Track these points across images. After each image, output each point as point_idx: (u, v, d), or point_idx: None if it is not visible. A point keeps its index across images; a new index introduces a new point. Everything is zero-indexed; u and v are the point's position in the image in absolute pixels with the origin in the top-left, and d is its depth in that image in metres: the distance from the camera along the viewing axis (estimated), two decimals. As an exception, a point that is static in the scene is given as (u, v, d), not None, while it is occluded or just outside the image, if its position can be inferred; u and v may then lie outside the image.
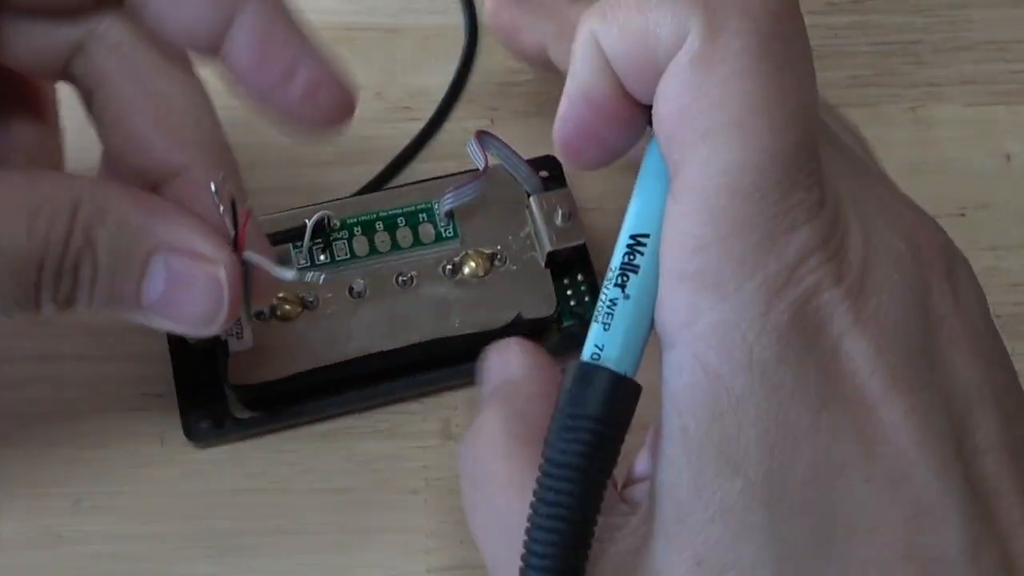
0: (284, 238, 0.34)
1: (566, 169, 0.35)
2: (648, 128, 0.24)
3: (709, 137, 0.21)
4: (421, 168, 0.38)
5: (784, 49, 0.22)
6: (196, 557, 0.32)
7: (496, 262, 0.34)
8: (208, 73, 0.29)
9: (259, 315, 0.32)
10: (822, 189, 0.22)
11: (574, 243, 0.33)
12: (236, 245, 0.27)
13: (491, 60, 0.40)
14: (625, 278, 0.23)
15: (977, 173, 0.39)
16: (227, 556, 0.32)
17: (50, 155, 0.31)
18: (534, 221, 0.34)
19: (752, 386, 0.21)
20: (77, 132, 0.31)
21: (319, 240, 0.34)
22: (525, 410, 0.28)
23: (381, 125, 0.38)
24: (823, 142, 0.23)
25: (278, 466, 0.33)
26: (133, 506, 0.32)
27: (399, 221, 0.34)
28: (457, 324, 0.33)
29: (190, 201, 0.28)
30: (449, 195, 0.34)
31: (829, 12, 0.41)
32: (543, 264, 0.34)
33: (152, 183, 0.29)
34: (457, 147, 0.38)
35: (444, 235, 0.34)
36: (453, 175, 0.35)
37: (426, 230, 0.34)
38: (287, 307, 0.33)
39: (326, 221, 0.34)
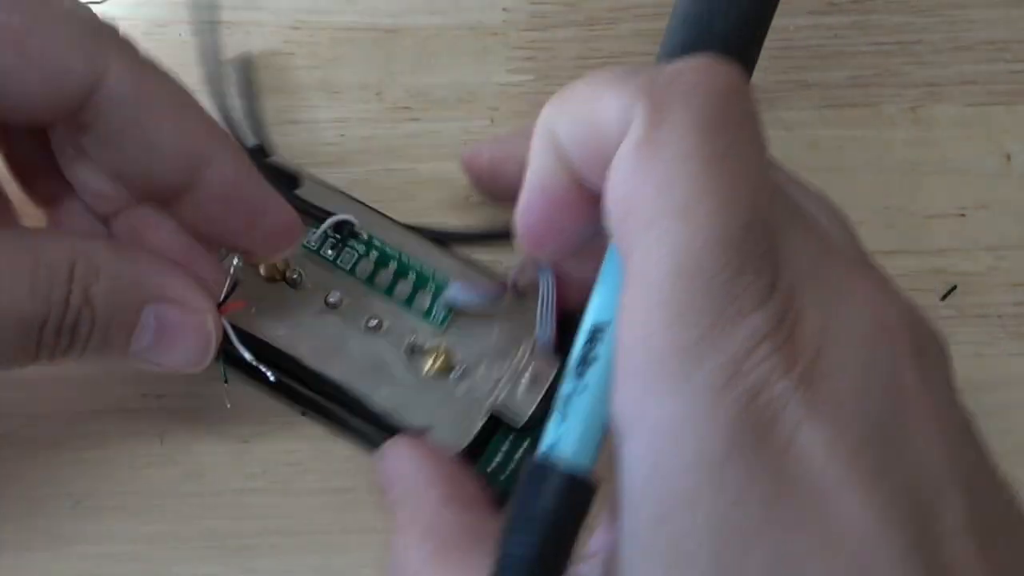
0: (316, 213, 0.34)
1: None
2: None
3: (653, 224, 0.21)
4: (421, 167, 0.38)
5: (729, 133, 0.21)
6: (196, 557, 0.32)
7: (453, 373, 0.32)
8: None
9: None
10: (775, 270, 0.21)
11: (512, 419, 0.31)
12: (221, 306, 0.30)
13: (492, 60, 0.40)
14: (583, 368, 0.23)
15: (977, 173, 0.39)
16: (227, 556, 0.32)
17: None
18: (510, 366, 0.32)
19: (700, 484, 0.20)
20: None
21: (338, 235, 0.34)
22: (436, 521, 0.27)
23: (381, 125, 0.38)
24: (785, 215, 0.22)
25: (278, 466, 0.33)
26: (133, 506, 0.32)
27: (410, 274, 0.33)
28: (379, 395, 0.32)
29: (142, 230, 0.29)
30: (456, 289, 0.33)
31: (829, 12, 0.41)
32: (485, 408, 0.32)
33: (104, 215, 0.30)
34: (456, 147, 0.38)
35: (433, 316, 0.33)
36: (488, 278, 0.33)
37: (423, 299, 0.33)
38: (273, 268, 0.33)
39: (349, 226, 0.34)
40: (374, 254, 0.34)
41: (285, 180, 0.35)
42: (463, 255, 0.34)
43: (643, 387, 0.21)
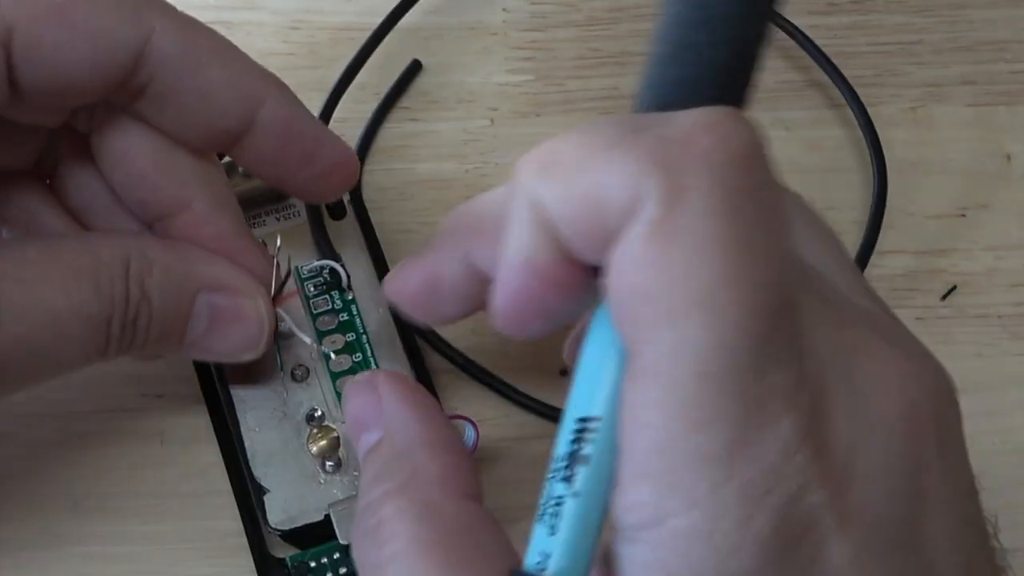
0: (328, 248, 0.34)
1: None
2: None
3: (674, 317, 0.19)
4: (420, 167, 0.38)
5: (752, 202, 0.19)
6: (196, 557, 0.32)
7: (328, 462, 0.31)
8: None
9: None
10: (800, 360, 0.19)
11: (340, 533, 0.30)
12: (275, 298, 0.31)
13: (492, 60, 0.40)
14: (573, 471, 0.20)
15: (977, 173, 0.39)
16: (227, 556, 0.32)
17: None
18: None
19: None
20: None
21: (329, 279, 0.34)
22: (436, 511, 0.23)
23: (381, 125, 0.38)
24: (805, 281, 0.21)
25: (278, 466, 0.33)
26: (133, 506, 0.32)
27: (356, 354, 0.33)
28: (255, 433, 0.31)
29: (192, 234, 0.30)
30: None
31: (829, 12, 0.41)
32: (326, 507, 0.30)
33: (155, 217, 0.30)
34: (456, 147, 0.38)
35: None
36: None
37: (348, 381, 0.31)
38: None
39: (339, 278, 0.33)
40: (343, 316, 0.33)
41: (332, 207, 0.35)
42: (425, 370, 0.33)
43: (658, 495, 0.19)
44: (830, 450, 0.19)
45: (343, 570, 0.31)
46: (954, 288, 0.37)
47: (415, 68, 0.39)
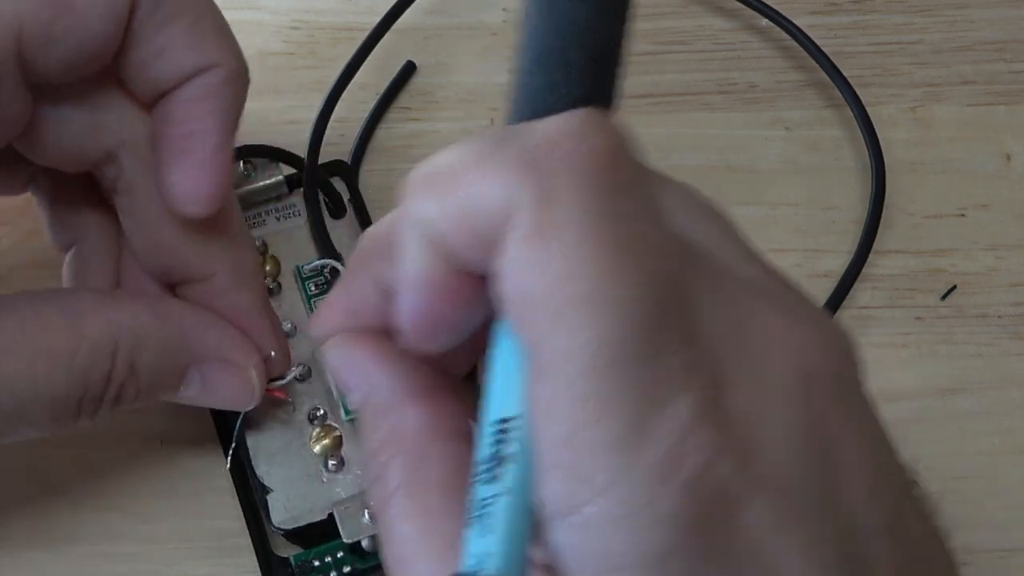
0: (327, 247, 0.34)
1: None
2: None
3: (560, 317, 0.19)
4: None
5: (621, 197, 0.20)
6: (196, 557, 0.32)
7: (331, 461, 0.31)
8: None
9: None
10: (695, 340, 0.20)
11: (344, 531, 0.30)
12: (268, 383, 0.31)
13: (492, 60, 0.40)
14: (498, 469, 0.21)
15: (977, 173, 0.39)
16: (226, 556, 0.32)
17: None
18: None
19: None
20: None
21: (328, 277, 0.34)
22: (424, 458, 0.24)
23: (381, 125, 0.38)
24: (691, 264, 0.21)
25: (278, 466, 0.33)
26: (133, 506, 0.32)
27: None
28: (256, 432, 0.32)
29: (210, 305, 0.30)
30: None
31: (829, 12, 0.41)
32: (330, 506, 0.31)
33: (175, 282, 0.30)
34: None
35: (349, 402, 0.32)
36: None
37: None
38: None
39: (338, 275, 0.34)
40: None
41: (331, 206, 0.36)
42: None
43: (569, 483, 0.20)
44: (731, 421, 0.20)
45: (347, 569, 0.31)
46: (954, 288, 0.37)
47: (409, 69, 0.39)
